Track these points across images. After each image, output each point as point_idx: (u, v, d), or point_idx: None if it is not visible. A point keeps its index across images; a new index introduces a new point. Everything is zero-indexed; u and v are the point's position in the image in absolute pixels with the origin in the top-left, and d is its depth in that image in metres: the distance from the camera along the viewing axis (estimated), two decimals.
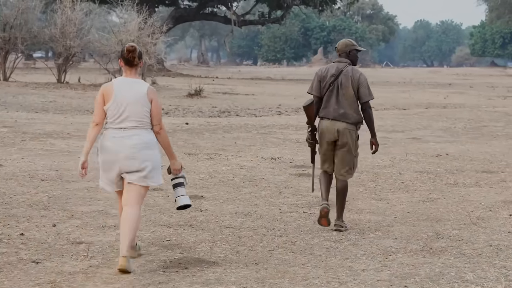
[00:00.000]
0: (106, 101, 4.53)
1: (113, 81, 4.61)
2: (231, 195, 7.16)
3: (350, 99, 5.73)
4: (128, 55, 4.55)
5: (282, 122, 15.12)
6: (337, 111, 5.73)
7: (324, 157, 5.94)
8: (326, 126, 5.80)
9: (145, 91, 4.52)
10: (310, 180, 8.07)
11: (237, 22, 40.74)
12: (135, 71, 4.58)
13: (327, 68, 5.84)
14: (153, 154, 4.55)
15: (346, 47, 5.86)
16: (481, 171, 9.10)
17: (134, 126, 4.50)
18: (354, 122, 5.78)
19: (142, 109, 4.50)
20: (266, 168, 8.86)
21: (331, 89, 5.73)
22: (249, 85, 33.43)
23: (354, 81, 5.74)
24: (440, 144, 11.94)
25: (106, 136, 4.55)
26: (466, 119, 16.42)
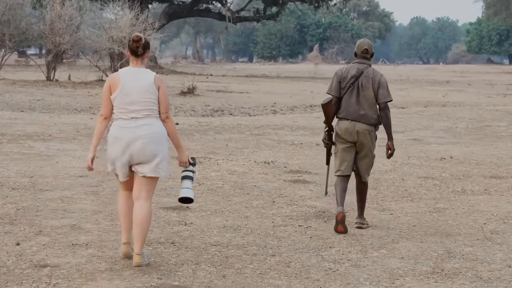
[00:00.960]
0: (112, 91, 4.52)
1: (120, 71, 4.61)
2: (220, 206, 6.54)
3: (370, 101, 5.72)
4: (133, 45, 4.53)
5: (277, 122, 14.50)
6: (358, 112, 5.70)
7: (342, 157, 5.85)
8: (346, 127, 5.75)
9: (152, 79, 4.51)
10: (305, 187, 7.46)
11: (231, 19, 40.06)
12: (141, 61, 4.56)
13: (347, 69, 5.82)
14: (163, 144, 4.53)
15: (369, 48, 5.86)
16: (489, 177, 8.50)
17: (145, 115, 4.48)
18: (374, 124, 5.76)
19: (150, 97, 4.48)
20: (258, 173, 8.24)
21: (351, 89, 5.72)
22: (244, 83, 32.79)
23: (375, 82, 5.73)
24: (443, 146, 11.33)
25: (116, 127, 4.51)
26: (468, 119, 15.83)
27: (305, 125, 13.97)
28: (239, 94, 25.54)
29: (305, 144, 11.11)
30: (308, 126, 13.89)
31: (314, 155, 9.91)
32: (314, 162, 9.28)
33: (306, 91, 28.31)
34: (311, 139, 11.89)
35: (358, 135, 5.72)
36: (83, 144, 10.27)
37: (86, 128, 12.20)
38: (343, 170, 5.82)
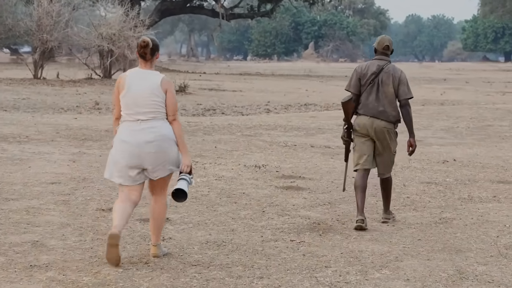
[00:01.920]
0: (120, 92, 4.51)
1: (127, 72, 4.60)
2: (204, 217, 5.90)
3: (390, 97, 5.68)
4: (141, 51, 4.51)
5: (270, 122, 13.87)
6: (376, 109, 5.67)
7: (360, 151, 5.78)
8: (364, 123, 5.72)
9: (159, 82, 4.47)
10: (298, 195, 6.85)
11: (225, 16, 39.38)
12: (150, 64, 4.54)
13: (367, 66, 5.78)
14: (172, 146, 4.51)
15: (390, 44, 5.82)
16: (496, 181, 7.89)
17: (151, 117, 4.45)
18: (393, 121, 5.71)
19: (156, 100, 4.45)
20: (248, 179, 7.60)
21: (371, 86, 5.68)
22: (237, 81, 32.15)
23: (395, 79, 5.68)
24: (444, 147, 10.72)
25: (124, 129, 4.49)
26: (468, 118, 15.23)
27: (299, 125, 13.35)
28: (232, 92, 24.92)
29: (299, 146, 10.48)
30: (302, 126, 13.27)
31: (308, 158, 9.29)
32: (308, 165, 8.66)
33: (301, 89, 27.70)
34: (305, 140, 11.27)
35: (375, 132, 5.67)
36: (61, 147, 9.62)
37: (67, 129, 11.55)
38: (362, 163, 5.75)
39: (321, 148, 10.29)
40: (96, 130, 11.53)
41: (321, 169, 8.41)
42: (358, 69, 5.79)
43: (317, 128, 12.91)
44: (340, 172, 8.27)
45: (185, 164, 4.60)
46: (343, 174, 8.07)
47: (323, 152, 9.92)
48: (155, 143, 4.43)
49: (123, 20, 26.37)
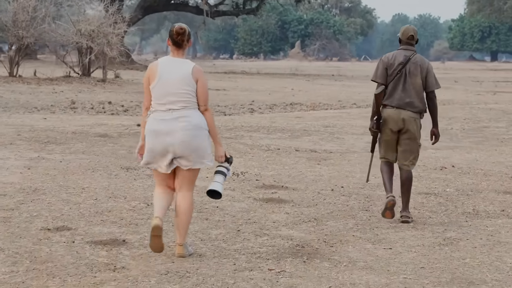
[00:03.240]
0: (151, 81, 4.45)
1: (159, 61, 4.51)
2: (168, 238, 4.99)
3: (417, 88, 5.64)
4: (177, 38, 4.45)
5: (253, 123, 12.98)
6: (403, 100, 5.61)
7: (387, 145, 5.76)
8: (390, 114, 5.65)
9: (190, 71, 4.42)
10: (280, 209, 5.98)
11: (209, 13, 38.41)
12: (182, 52, 4.49)
13: (394, 55, 5.70)
14: (204, 135, 4.46)
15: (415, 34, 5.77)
16: (502, 192, 7.06)
17: (182, 106, 4.41)
18: (419, 111, 5.67)
19: (187, 89, 4.41)
20: (224, 189, 6.69)
21: (399, 77, 5.63)
22: (222, 79, 31.25)
23: (423, 69, 5.65)
24: (441, 151, 9.89)
25: (154, 119, 4.43)
26: (462, 119, 14.44)
27: (283, 127, 12.48)
28: (216, 91, 24.02)
29: (282, 150, 9.60)
30: (287, 127, 12.39)
31: (292, 164, 8.41)
32: (292, 173, 7.78)
33: (287, 88, 26.86)
34: (289, 143, 10.40)
35: (404, 122, 5.61)
36: (18, 151, 8.67)
37: (31, 131, 10.59)
38: (388, 158, 5.76)
39: (307, 153, 9.43)
40: (63, 132, 10.59)
41: (306, 177, 7.54)
42: (385, 59, 5.69)
43: (302, 130, 12.04)
44: (327, 180, 7.41)
45: (218, 155, 4.57)
46: (330, 183, 7.22)
47: (309, 157, 9.05)
48: (188, 132, 4.38)
49: (103, 16, 25.38)
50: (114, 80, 25.74)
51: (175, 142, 4.39)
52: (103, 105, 18.30)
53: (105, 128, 11.15)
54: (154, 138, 4.41)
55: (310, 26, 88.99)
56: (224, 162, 4.59)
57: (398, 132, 5.69)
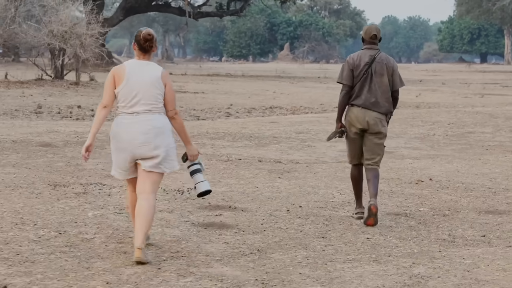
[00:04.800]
0: (117, 84, 4.39)
1: (125, 64, 4.47)
2: (64, 282, 4.02)
3: (383, 87, 5.59)
4: (145, 44, 4.41)
5: (221, 129, 12.03)
6: (369, 100, 5.56)
7: (353, 145, 5.68)
8: (356, 114, 5.58)
9: (159, 75, 4.41)
10: (219, 237, 5.06)
11: (192, 14, 37.44)
12: (149, 56, 4.46)
13: (359, 56, 5.62)
14: (167, 139, 4.39)
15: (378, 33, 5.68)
16: (484, 211, 6.13)
17: (147, 110, 4.36)
18: (385, 112, 5.61)
19: (156, 92, 4.38)
20: (160, 211, 5.73)
21: (365, 77, 5.56)
22: (203, 82, 30.31)
23: (389, 68, 5.61)
24: (419, 161, 8.96)
25: (118, 122, 4.39)
26: (446, 123, 13.53)
27: (253, 133, 11.54)
28: (194, 94, 23.11)
29: (244, 160, 8.66)
30: (256, 134, 11.45)
31: (250, 178, 7.45)
32: (247, 189, 6.83)
33: (269, 91, 25.96)
34: (254, 152, 9.45)
35: (368, 123, 5.55)
36: None
37: None
38: (351, 160, 5.74)
39: (270, 164, 8.48)
40: (2, 140, 9.59)
41: (261, 195, 6.59)
42: (350, 61, 5.61)
43: (272, 137, 11.10)
44: (285, 198, 6.46)
45: (192, 155, 4.57)
46: (287, 201, 6.30)
47: (271, 169, 8.10)
48: (149, 135, 4.34)
49: (76, 17, 24.39)
50: (88, 83, 24.75)
51: (135, 146, 4.34)
52: (71, 109, 17.33)
53: (53, 136, 10.17)
54: (117, 141, 4.38)
55: (299, 28, 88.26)
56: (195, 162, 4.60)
57: (364, 132, 5.59)
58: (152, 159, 4.35)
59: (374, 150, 5.60)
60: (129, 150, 4.36)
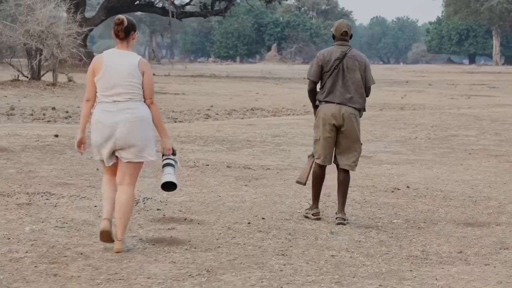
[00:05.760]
0: (96, 73, 4.43)
1: (104, 53, 4.52)
2: None
3: (357, 83, 5.50)
4: (115, 29, 4.44)
5: (194, 132, 11.50)
6: (344, 96, 5.47)
7: (325, 144, 5.49)
8: (331, 110, 5.45)
9: (136, 63, 4.43)
10: (166, 256, 4.54)
11: (175, 14, 36.86)
12: (126, 44, 4.48)
13: (329, 52, 5.55)
14: (147, 128, 4.43)
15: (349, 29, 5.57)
16: (462, 223, 5.65)
17: (128, 98, 4.41)
18: (359, 108, 5.52)
19: (133, 81, 4.41)
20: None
21: (337, 72, 5.48)
22: (185, 83, 29.76)
23: (361, 64, 5.53)
24: (397, 166, 8.48)
25: (99, 110, 4.44)
26: (429, 126, 13.08)
27: (226, 136, 11.02)
28: (174, 95, 22.57)
29: (211, 166, 8.14)
30: (229, 137, 10.94)
31: (214, 186, 6.93)
32: (209, 198, 6.31)
33: (251, 92, 25.47)
34: (224, 157, 8.94)
35: (343, 119, 5.41)
36: None
37: None
38: (323, 160, 5.52)
39: (238, 170, 7.96)
40: None
41: (223, 205, 6.08)
42: (320, 56, 5.53)
43: (245, 141, 10.59)
44: (248, 209, 5.95)
45: (166, 148, 4.57)
46: (250, 212, 5.80)
47: (239, 175, 7.59)
48: (130, 124, 4.36)
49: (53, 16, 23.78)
50: (66, 84, 24.14)
51: (116, 134, 4.36)
52: (45, 111, 16.76)
53: (13, 140, 9.60)
54: (98, 129, 4.40)
55: (286, 29, 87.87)
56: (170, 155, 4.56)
57: (338, 130, 5.44)
58: (131, 149, 4.38)
59: (351, 148, 5.44)
60: (111, 139, 4.37)
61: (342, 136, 5.44)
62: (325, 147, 5.47)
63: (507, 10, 57.82)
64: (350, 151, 5.45)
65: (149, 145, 4.44)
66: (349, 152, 5.45)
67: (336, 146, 5.47)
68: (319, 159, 5.53)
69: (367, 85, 5.55)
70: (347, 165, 5.46)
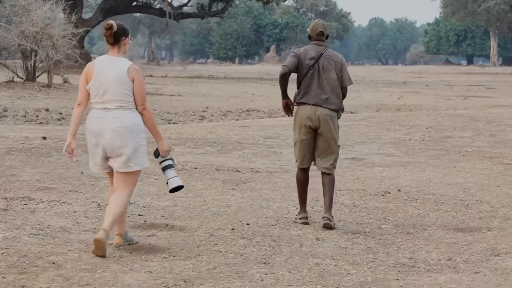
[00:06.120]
0: (88, 80, 4.42)
1: (96, 59, 4.50)
2: None
3: (332, 83, 5.38)
4: (105, 34, 4.41)
5: (187, 134, 11.33)
6: (319, 96, 5.35)
7: (303, 147, 5.39)
8: (306, 112, 5.35)
9: (125, 70, 4.38)
10: (143, 264, 4.37)
11: (172, 15, 36.68)
12: (117, 50, 4.42)
13: (305, 50, 5.45)
14: (135, 138, 4.37)
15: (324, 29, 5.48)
16: (453, 228, 5.48)
17: (118, 106, 4.36)
18: (336, 109, 5.40)
19: (122, 88, 4.35)
20: (84, 231, 5.02)
21: (312, 72, 5.36)
22: (182, 84, 29.60)
23: (337, 64, 5.42)
24: (389, 169, 8.30)
25: (90, 117, 4.44)
26: (424, 127, 12.91)
27: (218, 138, 10.85)
28: (169, 97, 22.42)
29: (200, 169, 7.96)
30: (221, 139, 10.77)
31: (200, 190, 6.75)
32: (193, 203, 6.14)
33: (248, 93, 25.34)
34: (214, 159, 8.77)
35: (319, 121, 5.31)
36: None
37: None
38: (301, 162, 5.44)
39: (227, 173, 7.79)
40: None
41: (208, 210, 5.90)
42: (297, 52, 5.44)
43: (237, 143, 10.42)
44: (233, 214, 5.78)
45: (164, 150, 4.54)
46: (235, 218, 5.63)
47: (227, 178, 7.42)
48: (116, 133, 4.32)
49: (48, 17, 23.60)
50: (61, 86, 23.97)
51: (104, 142, 4.34)
52: (38, 112, 16.60)
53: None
54: (89, 135, 4.41)
55: (285, 30, 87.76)
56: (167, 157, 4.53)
57: (315, 132, 5.33)
58: (119, 158, 4.35)
59: (328, 150, 5.35)
60: (100, 146, 4.37)
61: (319, 138, 5.35)
62: (301, 150, 5.39)
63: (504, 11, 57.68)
64: (327, 154, 5.36)
65: (137, 154, 4.38)
66: (327, 155, 5.36)
67: (315, 148, 5.39)
68: (297, 162, 5.47)
69: (344, 85, 5.43)
70: (325, 168, 5.36)
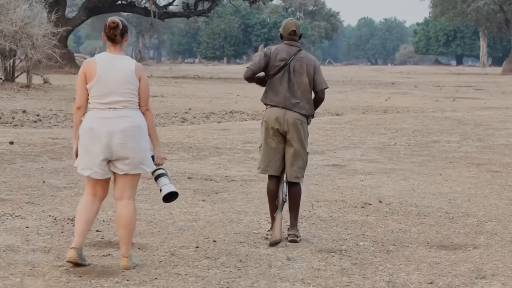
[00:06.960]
0: (88, 80, 4.19)
1: (96, 57, 4.25)
2: None
3: (303, 87, 5.09)
4: (109, 32, 4.21)
5: (163, 138, 10.88)
6: (289, 100, 5.06)
7: (267, 154, 5.04)
8: (275, 114, 5.03)
9: (133, 68, 4.21)
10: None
11: (157, 14, 36.19)
12: (119, 47, 4.24)
13: (276, 49, 5.08)
14: (144, 138, 4.22)
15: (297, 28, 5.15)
16: (436, 246, 5.07)
17: (124, 106, 4.18)
18: (306, 114, 5.11)
19: (130, 88, 4.19)
20: (32, 250, 4.57)
21: (282, 75, 5.07)
22: (166, 85, 29.13)
23: (310, 67, 5.12)
24: (371, 177, 7.90)
25: (92, 117, 4.16)
26: (410, 131, 12.53)
27: (195, 143, 10.42)
28: (151, 98, 21.86)
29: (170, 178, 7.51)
30: (198, 144, 10.33)
31: (166, 203, 6.31)
32: (158, 216, 5.70)
33: (232, 94, 24.91)
34: (188, 166, 8.34)
35: (288, 125, 5.03)
36: None
37: None
38: (264, 169, 5.09)
39: (199, 182, 7.36)
40: None
41: (173, 224, 5.47)
42: (267, 51, 5.11)
43: (214, 148, 9.99)
44: (200, 229, 5.35)
45: (160, 157, 4.37)
46: (201, 234, 5.21)
47: (199, 188, 6.98)
48: (128, 133, 4.12)
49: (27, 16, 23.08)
50: (41, 86, 23.47)
51: (113, 143, 4.12)
52: (14, 114, 16.10)
53: None
54: (90, 137, 4.13)
55: (273, 30, 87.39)
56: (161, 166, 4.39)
57: (283, 138, 5.03)
58: (128, 160, 4.14)
59: (295, 158, 5.04)
60: (106, 147, 4.11)
61: (288, 144, 5.03)
62: (267, 154, 5.02)
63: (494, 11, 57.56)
64: (295, 161, 5.04)
65: (147, 156, 4.22)
66: (295, 163, 5.04)
67: (284, 156, 5.04)
68: (259, 169, 5.10)
69: (319, 89, 5.13)
70: (293, 177, 5.03)
